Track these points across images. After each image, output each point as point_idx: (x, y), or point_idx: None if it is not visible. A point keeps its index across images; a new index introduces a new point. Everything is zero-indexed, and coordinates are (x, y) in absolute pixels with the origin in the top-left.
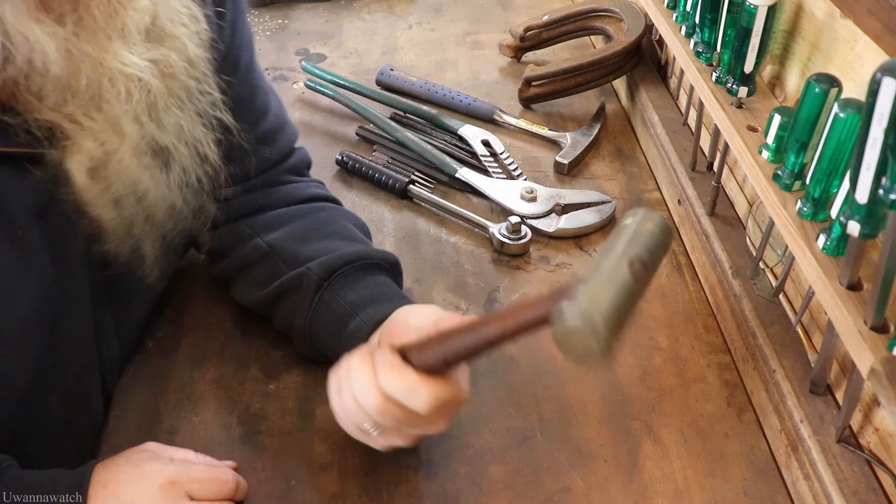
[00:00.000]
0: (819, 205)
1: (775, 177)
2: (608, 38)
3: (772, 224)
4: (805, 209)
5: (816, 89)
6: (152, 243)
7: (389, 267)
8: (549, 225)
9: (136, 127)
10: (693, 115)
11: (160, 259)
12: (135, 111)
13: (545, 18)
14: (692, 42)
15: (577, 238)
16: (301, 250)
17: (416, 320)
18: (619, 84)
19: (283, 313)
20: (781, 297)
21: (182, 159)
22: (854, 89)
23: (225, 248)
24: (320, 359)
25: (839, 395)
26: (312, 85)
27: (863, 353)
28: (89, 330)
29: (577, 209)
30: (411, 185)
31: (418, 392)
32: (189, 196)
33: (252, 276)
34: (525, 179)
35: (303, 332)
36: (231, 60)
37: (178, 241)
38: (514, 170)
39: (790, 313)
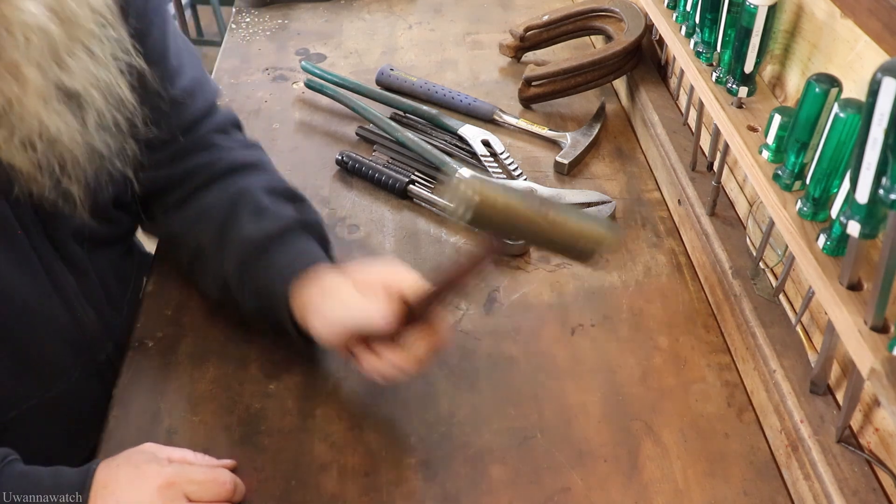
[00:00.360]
0: (819, 205)
1: (775, 177)
2: (608, 38)
3: (772, 224)
4: (805, 209)
5: (816, 89)
6: (79, 184)
7: (293, 228)
8: None
9: (38, 72)
10: (693, 115)
11: (89, 197)
12: (34, 57)
13: (545, 18)
14: (692, 42)
15: None
16: (224, 244)
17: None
18: (619, 84)
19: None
20: (781, 297)
21: (95, 103)
22: (854, 89)
23: (173, 241)
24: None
25: (839, 395)
26: (312, 85)
27: (863, 353)
28: (34, 267)
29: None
30: (411, 185)
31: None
32: (108, 138)
33: (199, 271)
34: (525, 179)
35: (257, 319)
36: (143, 19)
37: (109, 181)
38: (514, 170)
39: (790, 313)
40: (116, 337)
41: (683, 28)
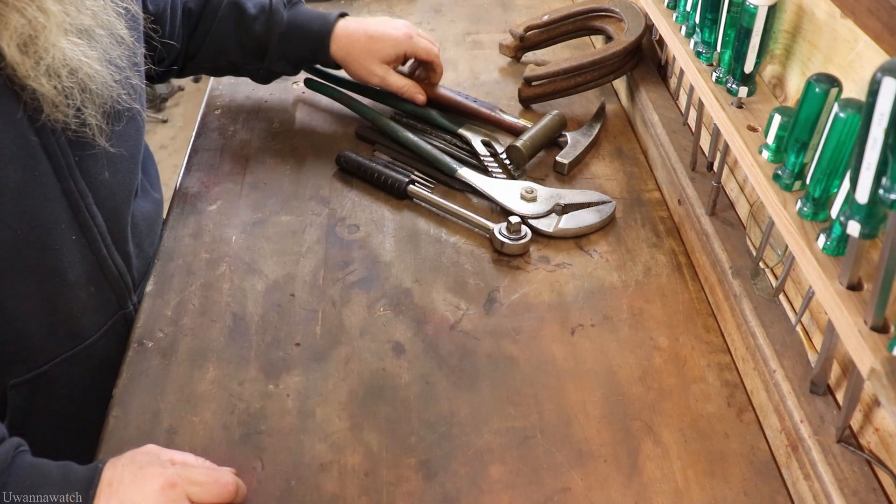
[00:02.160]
0: (819, 205)
1: (775, 177)
2: (608, 38)
3: (772, 224)
4: (805, 209)
5: (816, 89)
6: (94, 111)
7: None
8: (549, 225)
9: (59, 7)
10: (693, 115)
11: (106, 125)
12: None
13: (545, 18)
14: (692, 42)
15: (577, 238)
16: (249, 52)
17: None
18: (619, 84)
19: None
20: (781, 297)
21: (102, 39)
22: (854, 89)
23: (202, 69)
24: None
25: (839, 395)
26: (312, 85)
27: (863, 353)
28: (59, 202)
29: (577, 209)
30: (411, 185)
31: None
32: (114, 72)
33: (238, 72)
34: (525, 179)
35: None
36: None
37: (119, 109)
38: (514, 170)
39: (790, 313)
40: (144, 289)
41: (683, 28)
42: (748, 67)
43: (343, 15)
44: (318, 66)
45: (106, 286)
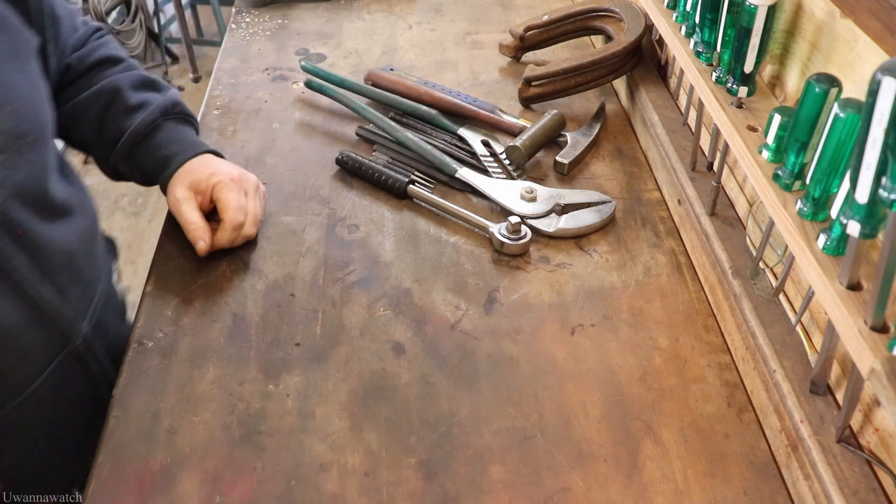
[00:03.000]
0: (819, 205)
1: (775, 177)
2: (608, 38)
3: (772, 224)
4: (805, 209)
5: (816, 89)
6: None
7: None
8: (549, 225)
9: None
10: (693, 114)
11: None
12: None
13: (545, 18)
14: (692, 42)
15: (577, 238)
16: (104, 138)
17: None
18: (619, 84)
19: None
20: (781, 297)
21: None
22: (854, 89)
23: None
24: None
25: (839, 395)
26: (312, 85)
27: (863, 353)
28: None
29: (577, 209)
30: (411, 185)
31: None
32: None
33: (92, 159)
34: (525, 179)
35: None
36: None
37: (16, 138)
38: (513, 170)
39: (790, 313)
40: (92, 317)
41: (683, 28)
42: (748, 67)
43: (215, 153)
44: (317, 67)
45: (44, 325)
